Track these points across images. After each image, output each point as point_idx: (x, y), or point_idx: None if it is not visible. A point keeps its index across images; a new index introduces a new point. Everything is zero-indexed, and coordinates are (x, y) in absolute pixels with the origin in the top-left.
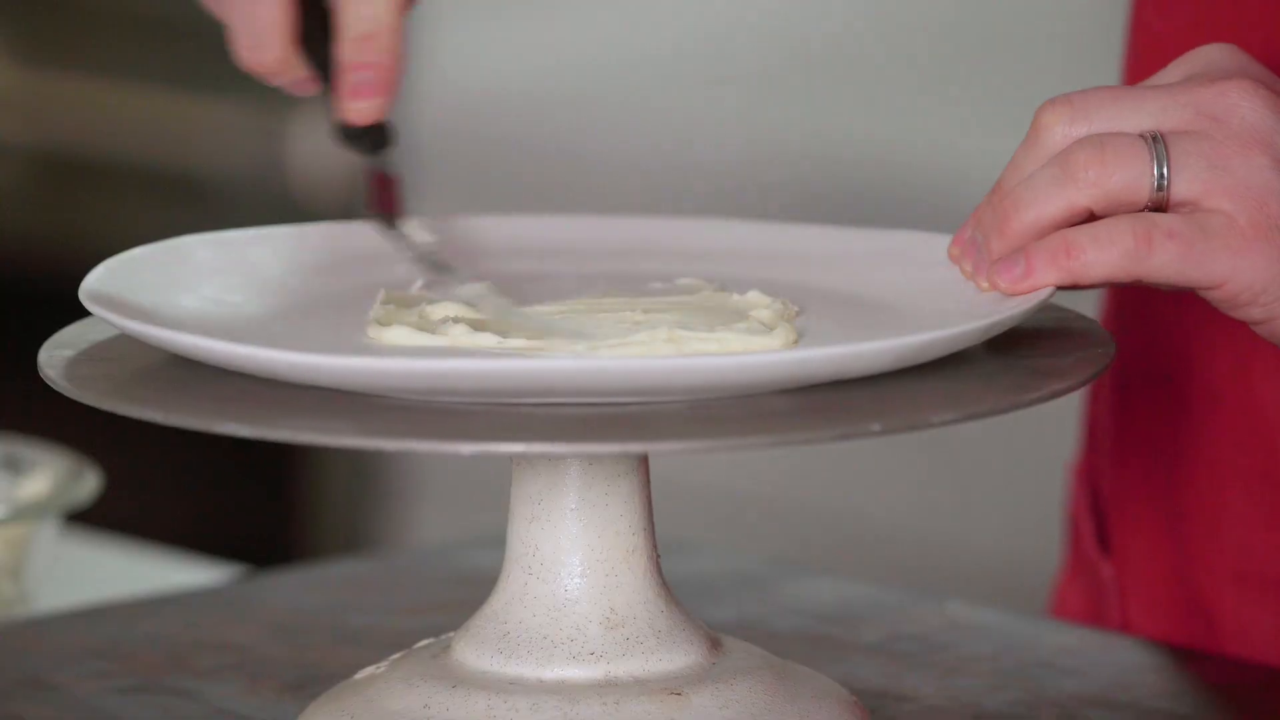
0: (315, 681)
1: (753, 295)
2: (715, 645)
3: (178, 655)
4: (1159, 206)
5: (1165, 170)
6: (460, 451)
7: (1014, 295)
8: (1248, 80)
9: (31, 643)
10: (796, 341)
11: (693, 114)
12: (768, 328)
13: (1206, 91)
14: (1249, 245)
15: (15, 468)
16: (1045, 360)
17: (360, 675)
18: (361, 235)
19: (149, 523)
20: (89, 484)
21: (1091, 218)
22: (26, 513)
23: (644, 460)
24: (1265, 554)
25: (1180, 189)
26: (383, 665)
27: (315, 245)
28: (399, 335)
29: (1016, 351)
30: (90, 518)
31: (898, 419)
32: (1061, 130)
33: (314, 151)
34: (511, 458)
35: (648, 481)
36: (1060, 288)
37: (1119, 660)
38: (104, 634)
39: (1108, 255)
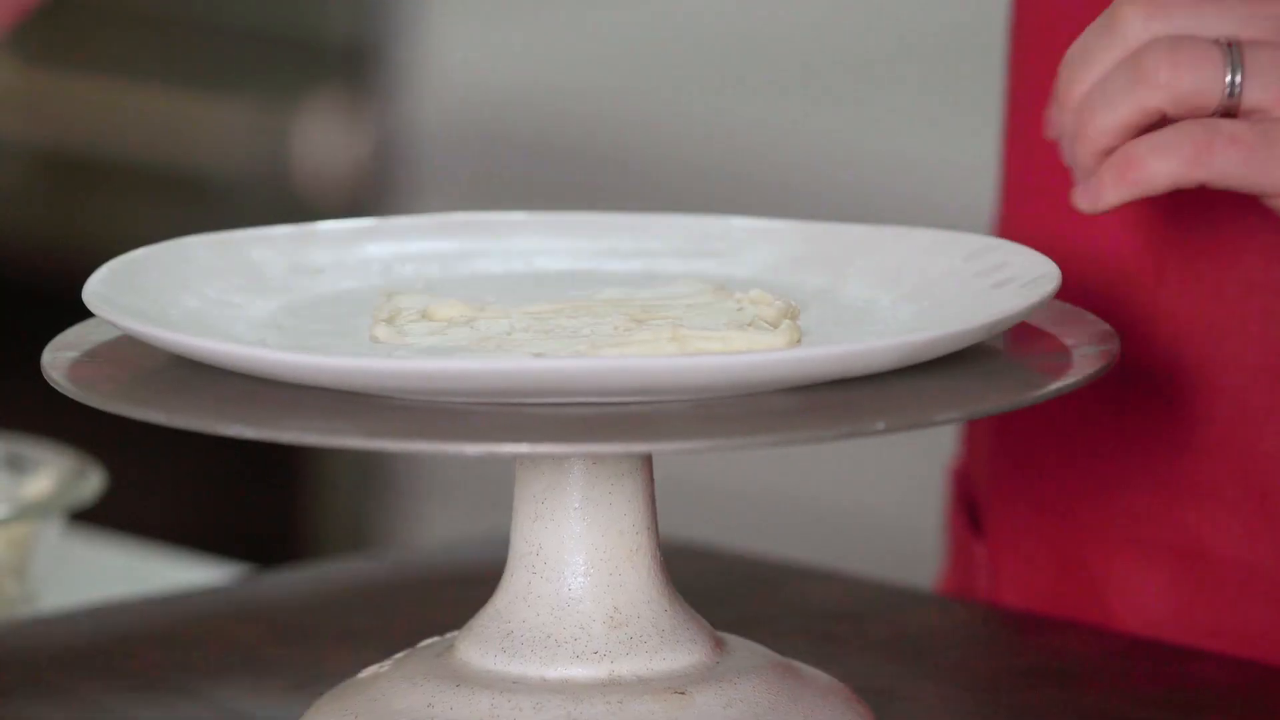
0: (319, 680)
1: (755, 294)
2: (719, 644)
3: (181, 654)
4: (1229, 112)
5: (1238, 77)
6: (464, 452)
7: (1096, 215)
8: None
9: (35, 642)
10: (800, 340)
11: (694, 113)
12: (771, 326)
13: None
14: None
15: (19, 467)
16: (1047, 359)
17: (364, 674)
18: (366, 234)
19: (153, 522)
20: (93, 483)
21: (1166, 120)
22: (30, 512)
23: (647, 459)
24: (1158, 518)
25: (1252, 96)
26: (386, 664)
27: (319, 244)
28: (401, 335)
29: (1019, 350)
30: (94, 517)
31: (901, 417)
32: (1141, 24)
33: (317, 151)
34: (515, 458)
35: (651, 480)
36: (1132, 201)
37: (1120, 660)
38: (108, 633)
39: (1168, 164)
